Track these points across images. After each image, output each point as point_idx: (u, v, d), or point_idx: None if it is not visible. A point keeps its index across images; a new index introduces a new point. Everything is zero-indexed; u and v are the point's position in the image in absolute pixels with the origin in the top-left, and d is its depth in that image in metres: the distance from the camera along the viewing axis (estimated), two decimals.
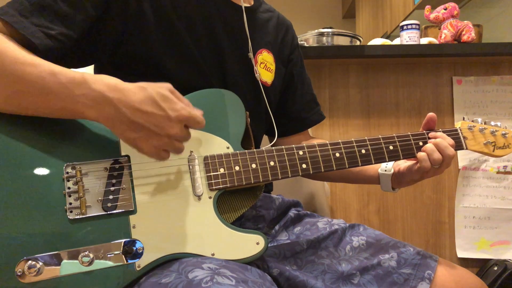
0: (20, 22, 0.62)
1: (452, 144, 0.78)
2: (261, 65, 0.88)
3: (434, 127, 0.83)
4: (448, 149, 0.77)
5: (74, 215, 0.61)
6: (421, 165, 0.78)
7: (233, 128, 0.75)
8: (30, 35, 0.62)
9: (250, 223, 0.86)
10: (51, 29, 0.65)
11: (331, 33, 1.58)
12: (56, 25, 0.65)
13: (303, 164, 0.74)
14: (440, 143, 0.77)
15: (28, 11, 0.64)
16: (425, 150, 0.78)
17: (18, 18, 0.62)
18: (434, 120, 0.82)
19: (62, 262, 0.59)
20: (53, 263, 0.59)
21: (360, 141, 0.78)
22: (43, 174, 0.62)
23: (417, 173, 0.80)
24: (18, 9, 0.63)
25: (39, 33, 0.63)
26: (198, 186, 0.69)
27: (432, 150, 0.77)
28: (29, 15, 0.63)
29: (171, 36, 0.76)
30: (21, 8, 0.63)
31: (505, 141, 0.85)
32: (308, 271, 0.80)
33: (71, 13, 0.67)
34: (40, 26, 0.64)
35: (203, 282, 0.54)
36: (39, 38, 0.63)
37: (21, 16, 0.63)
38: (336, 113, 1.61)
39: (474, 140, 0.84)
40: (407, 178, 0.83)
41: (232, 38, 0.83)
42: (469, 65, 1.60)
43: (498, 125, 0.86)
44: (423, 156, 0.78)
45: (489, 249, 1.58)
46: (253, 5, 0.91)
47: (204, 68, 0.79)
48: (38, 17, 0.64)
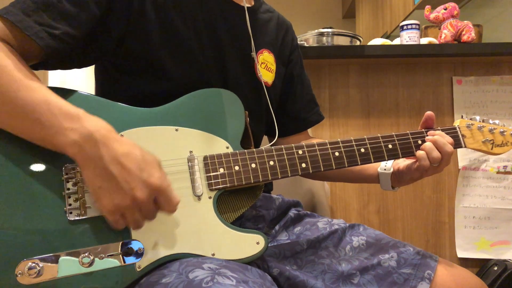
0: (24, 21, 0.61)
1: (450, 142, 0.79)
2: (262, 65, 0.88)
3: (432, 126, 0.83)
4: (446, 146, 0.77)
5: (73, 216, 0.61)
6: (420, 164, 0.78)
7: (233, 128, 0.75)
8: (33, 35, 0.61)
9: (250, 223, 0.86)
10: (55, 28, 0.64)
11: (331, 33, 1.58)
12: (60, 24, 0.64)
13: (303, 163, 0.74)
14: (438, 140, 0.78)
15: (32, 9, 0.63)
16: (423, 149, 0.78)
17: (21, 17, 0.61)
18: (432, 119, 0.82)
19: (62, 263, 0.59)
20: (53, 264, 0.59)
21: (359, 140, 0.78)
22: (43, 175, 0.61)
23: (417, 172, 0.80)
24: (21, 8, 0.62)
25: (43, 33, 0.62)
26: (197, 186, 0.69)
27: (431, 148, 0.77)
28: (32, 13, 0.62)
29: (172, 35, 0.76)
30: (25, 7, 0.62)
31: (503, 139, 0.85)
32: (308, 271, 0.80)
33: (75, 12, 0.66)
34: (44, 25, 0.63)
35: (204, 282, 0.54)
36: (42, 39, 0.62)
37: (24, 15, 0.62)
38: (336, 113, 1.61)
39: (472, 138, 0.84)
40: (406, 177, 0.83)
41: (233, 38, 0.83)
42: (469, 65, 1.60)
43: (496, 123, 0.86)
44: (422, 154, 0.78)
45: (489, 249, 1.58)
46: (253, 5, 0.91)
47: (206, 68, 0.79)
48: (42, 16, 0.63)
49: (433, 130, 0.81)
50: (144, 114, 0.70)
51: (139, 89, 0.77)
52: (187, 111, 0.73)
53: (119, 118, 0.68)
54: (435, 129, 0.82)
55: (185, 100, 0.74)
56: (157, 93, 0.76)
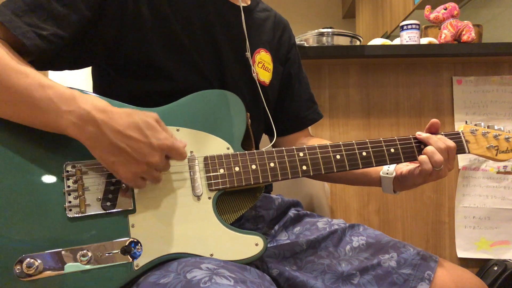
0: (12, 21, 0.62)
1: (452, 146, 0.78)
2: (259, 64, 0.88)
3: (436, 133, 0.82)
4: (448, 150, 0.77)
5: (73, 214, 0.61)
6: (423, 168, 0.76)
7: (234, 129, 0.75)
8: (21, 35, 0.62)
9: (249, 223, 0.85)
10: (44, 29, 0.64)
11: (331, 33, 1.58)
12: (48, 25, 0.65)
13: (304, 165, 0.74)
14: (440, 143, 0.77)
15: (22, 10, 0.63)
16: (425, 153, 0.77)
17: (10, 17, 0.62)
18: (437, 127, 0.81)
19: (61, 260, 0.59)
20: (52, 261, 0.59)
21: (361, 143, 0.77)
22: (43, 173, 0.62)
23: (420, 177, 0.78)
24: (12, 8, 0.63)
25: (31, 34, 0.63)
26: (197, 186, 0.69)
27: (433, 152, 0.76)
28: (22, 14, 0.63)
29: (169, 36, 0.76)
30: (15, 7, 0.63)
31: (508, 145, 0.84)
32: (308, 271, 0.79)
33: (65, 13, 0.66)
34: (32, 26, 0.63)
35: (202, 282, 0.54)
36: (30, 39, 0.62)
37: (14, 15, 0.62)
38: (336, 113, 1.61)
39: (476, 144, 0.83)
40: (409, 182, 0.81)
41: (230, 38, 0.83)
42: (469, 65, 1.60)
43: (501, 129, 0.85)
44: (424, 158, 0.76)
45: (489, 249, 1.58)
46: (250, 4, 0.91)
47: (202, 68, 0.79)
48: (31, 16, 0.64)
49: (435, 135, 0.81)
50: None
51: (135, 89, 0.76)
52: (189, 111, 0.73)
53: None
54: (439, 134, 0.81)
55: (187, 101, 0.74)
56: (155, 93, 0.76)
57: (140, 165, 0.60)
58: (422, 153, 0.78)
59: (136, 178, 0.61)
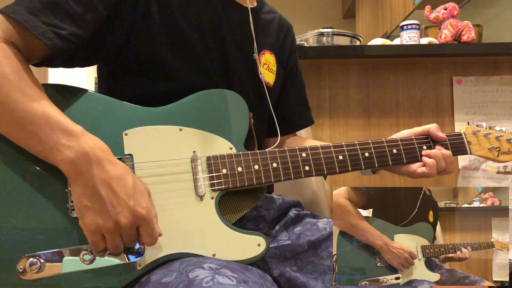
0: (30, 21, 0.61)
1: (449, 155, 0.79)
2: (264, 66, 0.88)
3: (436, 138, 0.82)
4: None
5: (76, 213, 0.61)
6: (428, 171, 0.77)
7: (237, 129, 0.75)
8: (41, 35, 0.61)
9: (250, 223, 0.86)
10: (62, 28, 0.64)
11: (331, 33, 1.58)
12: (66, 24, 0.64)
13: (306, 166, 0.74)
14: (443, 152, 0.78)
15: (38, 9, 0.62)
16: (434, 157, 0.77)
17: (28, 17, 0.61)
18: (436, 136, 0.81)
19: (64, 259, 0.60)
20: (55, 260, 0.59)
21: (364, 144, 0.77)
22: (46, 172, 0.62)
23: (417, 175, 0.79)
24: (27, 7, 0.62)
25: (50, 33, 0.62)
26: (200, 186, 0.69)
27: (440, 158, 0.77)
28: (39, 13, 0.62)
29: (176, 35, 0.76)
30: (31, 6, 0.62)
31: (509, 146, 0.84)
32: (308, 272, 0.80)
33: (82, 12, 0.66)
34: (51, 25, 0.63)
35: (204, 281, 0.54)
36: (49, 39, 0.62)
37: (31, 15, 0.61)
38: (336, 113, 1.61)
39: (478, 145, 0.83)
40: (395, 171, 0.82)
41: (237, 39, 0.83)
42: (469, 65, 1.61)
43: (503, 130, 0.86)
44: (432, 162, 0.77)
45: None
46: (256, 6, 0.91)
47: (209, 68, 0.79)
48: (49, 16, 0.63)
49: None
50: (148, 113, 0.71)
51: (143, 88, 0.77)
52: (192, 111, 0.73)
53: (123, 117, 0.69)
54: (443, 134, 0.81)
55: (189, 100, 0.74)
56: (161, 93, 0.76)
57: (108, 221, 0.57)
58: (431, 157, 0.78)
59: (97, 233, 0.58)
